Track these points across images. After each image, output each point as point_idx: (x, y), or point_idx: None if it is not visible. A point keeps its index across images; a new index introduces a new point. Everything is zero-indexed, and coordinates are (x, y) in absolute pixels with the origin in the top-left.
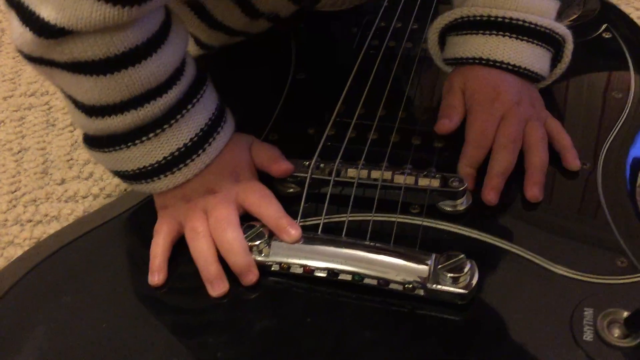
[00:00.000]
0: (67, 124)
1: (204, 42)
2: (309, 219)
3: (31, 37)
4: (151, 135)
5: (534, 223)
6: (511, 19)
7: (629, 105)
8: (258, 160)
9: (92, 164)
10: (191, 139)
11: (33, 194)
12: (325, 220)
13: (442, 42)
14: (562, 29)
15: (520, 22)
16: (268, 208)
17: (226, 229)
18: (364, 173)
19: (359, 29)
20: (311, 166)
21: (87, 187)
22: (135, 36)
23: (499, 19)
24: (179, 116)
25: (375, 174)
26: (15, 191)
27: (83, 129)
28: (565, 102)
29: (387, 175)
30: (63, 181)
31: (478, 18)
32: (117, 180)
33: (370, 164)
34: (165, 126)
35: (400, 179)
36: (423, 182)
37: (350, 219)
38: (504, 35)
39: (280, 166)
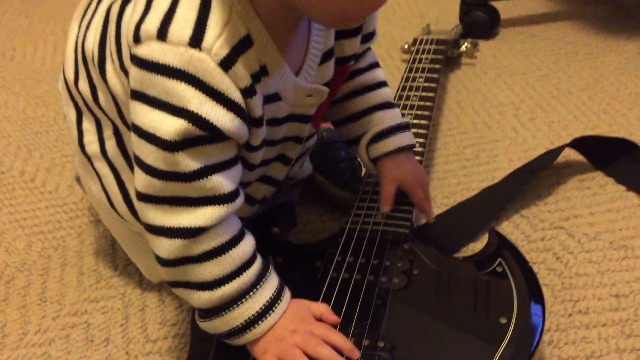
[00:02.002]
0: (102, 340)
1: None
2: None
3: (180, 242)
4: (247, 296)
5: None
6: (401, 123)
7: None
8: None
9: None
10: (273, 293)
11: None
12: None
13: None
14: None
15: (404, 124)
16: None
17: (319, 344)
18: None
19: (322, 262)
20: None
21: None
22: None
23: (396, 125)
24: (263, 280)
25: None
26: None
27: (203, 305)
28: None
29: None
30: None
31: (387, 128)
32: None
33: None
34: (257, 286)
35: None
36: None
37: None
38: (403, 131)
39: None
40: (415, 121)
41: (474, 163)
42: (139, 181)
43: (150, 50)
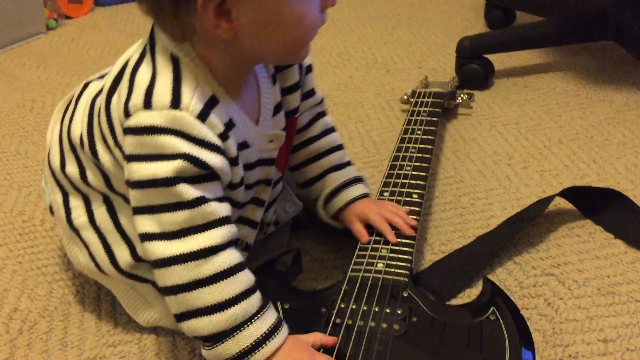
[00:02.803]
0: None
1: None
2: None
3: (193, 264)
4: (256, 317)
5: None
6: (351, 178)
7: None
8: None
9: None
10: (277, 318)
11: None
12: None
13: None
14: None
15: (355, 178)
16: None
17: None
18: None
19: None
20: None
21: None
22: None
23: (346, 181)
24: (268, 305)
25: None
26: None
27: (214, 329)
28: None
29: None
30: None
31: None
32: None
33: None
34: (264, 309)
35: None
36: None
37: None
38: (355, 184)
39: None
40: (414, 172)
41: (470, 211)
42: (145, 224)
43: (140, 118)
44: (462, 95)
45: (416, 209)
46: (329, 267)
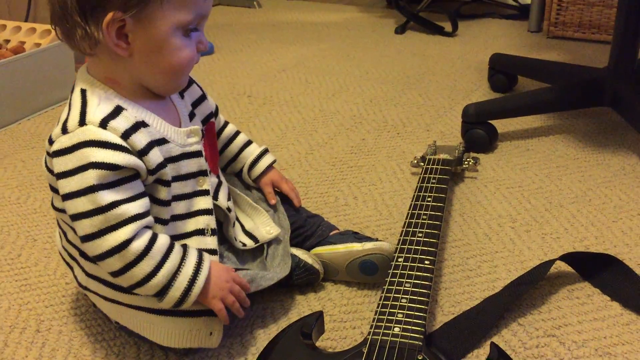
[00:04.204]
0: None
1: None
2: None
3: (117, 256)
4: (182, 265)
5: None
6: (261, 151)
7: None
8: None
9: None
10: (197, 257)
11: None
12: None
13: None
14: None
15: (263, 150)
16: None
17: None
18: None
19: None
20: None
21: None
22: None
23: (260, 153)
24: (186, 253)
25: None
26: None
27: (158, 287)
28: None
29: None
30: None
31: (254, 158)
32: None
33: None
34: (185, 258)
35: None
36: None
37: None
38: (264, 155)
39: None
40: (425, 239)
41: (477, 273)
42: (80, 230)
43: (60, 142)
44: (468, 159)
45: (428, 275)
46: (347, 328)
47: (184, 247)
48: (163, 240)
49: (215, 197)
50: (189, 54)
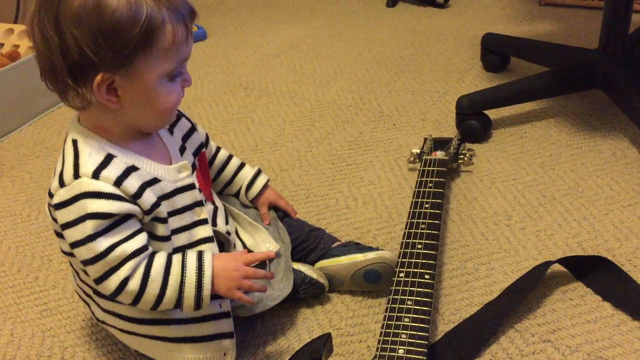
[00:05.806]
0: None
1: None
2: None
3: (125, 291)
4: (184, 273)
5: None
6: (255, 174)
7: None
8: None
9: None
10: (196, 261)
11: None
12: None
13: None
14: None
15: (257, 172)
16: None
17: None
18: None
19: None
20: None
21: None
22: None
23: (253, 177)
24: (185, 257)
25: None
26: None
27: (172, 303)
28: None
29: None
30: None
31: (249, 181)
32: None
33: None
34: (185, 263)
35: None
36: None
37: None
38: (257, 177)
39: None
40: (425, 251)
41: (475, 277)
42: (90, 275)
43: (59, 196)
44: (464, 153)
45: (429, 290)
46: (354, 342)
47: (183, 254)
48: (159, 260)
49: (213, 224)
50: (176, 97)
